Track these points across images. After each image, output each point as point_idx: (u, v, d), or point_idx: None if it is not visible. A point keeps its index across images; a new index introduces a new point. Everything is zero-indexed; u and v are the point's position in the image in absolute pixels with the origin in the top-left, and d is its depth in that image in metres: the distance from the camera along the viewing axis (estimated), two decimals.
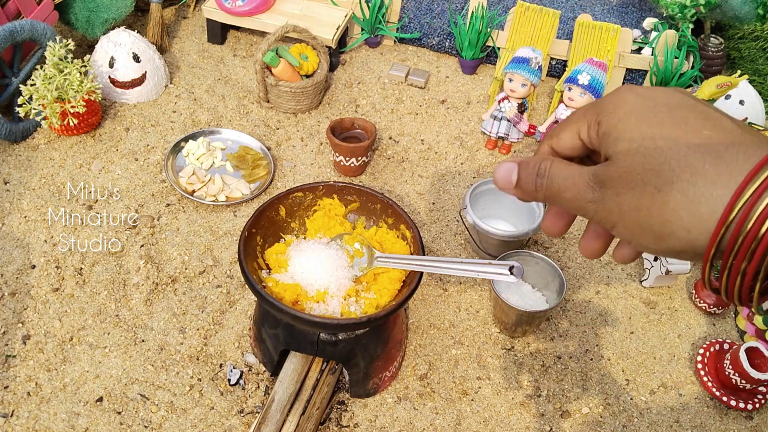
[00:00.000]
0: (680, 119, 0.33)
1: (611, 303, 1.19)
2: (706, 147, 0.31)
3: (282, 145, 1.44)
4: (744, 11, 1.57)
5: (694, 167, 0.31)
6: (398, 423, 1.00)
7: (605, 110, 0.36)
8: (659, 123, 0.33)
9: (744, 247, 0.29)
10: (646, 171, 0.32)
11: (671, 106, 0.34)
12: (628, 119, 0.34)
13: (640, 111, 0.34)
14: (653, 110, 0.34)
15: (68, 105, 1.28)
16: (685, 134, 0.32)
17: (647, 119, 0.33)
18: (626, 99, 0.35)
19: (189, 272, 1.17)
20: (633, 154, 0.33)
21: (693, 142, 0.31)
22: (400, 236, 0.99)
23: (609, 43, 1.57)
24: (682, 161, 0.31)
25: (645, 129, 0.33)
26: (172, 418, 0.98)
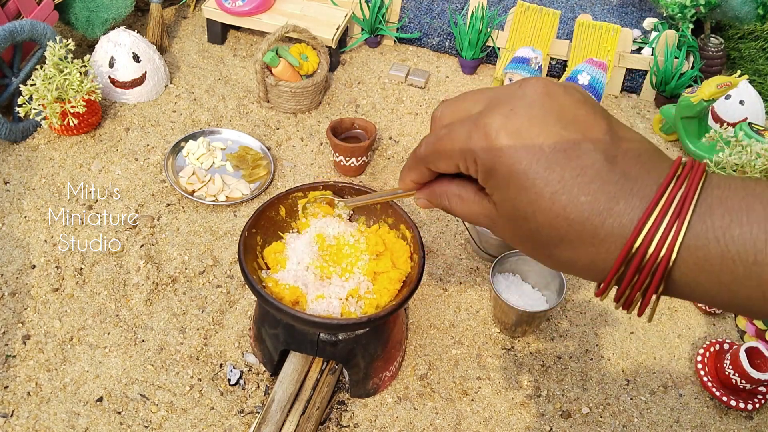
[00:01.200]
0: (564, 144, 0.31)
1: (611, 303, 1.19)
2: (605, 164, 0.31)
3: (282, 145, 1.44)
4: (744, 11, 1.57)
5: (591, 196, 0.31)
6: (398, 423, 1.00)
7: (477, 145, 0.33)
8: (542, 145, 0.32)
9: (647, 267, 0.30)
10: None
11: (567, 118, 0.32)
12: (505, 156, 0.32)
13: (516, 142, 0.32)
14: (537, 131, 0.32)
15: (68, 105, 1.28)
16: (570, 159, 0.31)
17: (528, 143, 0.32)
18: (499, 128, 0.32)
19: (189, 272, 1.17)
20: (514, 204, 0.33)
21: (583, 166, 0.31)
22: (400, 236, 0.99)
23: (609, 43, 1.57)
24: (576, 190, 0.31)
25: (524, 155, 0.32)
26: (172, 418, 0.98)
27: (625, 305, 0.33)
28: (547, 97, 0.33)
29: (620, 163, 0.31)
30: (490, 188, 0.34)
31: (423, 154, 0.37)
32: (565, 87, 0.34)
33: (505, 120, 0.32)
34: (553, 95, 0.33)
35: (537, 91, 0.33)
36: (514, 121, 0.32)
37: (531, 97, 0.33)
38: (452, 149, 0.35)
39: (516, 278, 1.15)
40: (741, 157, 1.14)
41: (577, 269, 0.33)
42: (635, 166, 0.31)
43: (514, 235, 0.35)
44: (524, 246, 0.35)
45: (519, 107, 0.33)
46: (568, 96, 0.33)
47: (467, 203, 0.37)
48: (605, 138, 0.32)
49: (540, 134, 0.32)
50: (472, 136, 0.33)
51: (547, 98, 0.33)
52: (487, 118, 0.33)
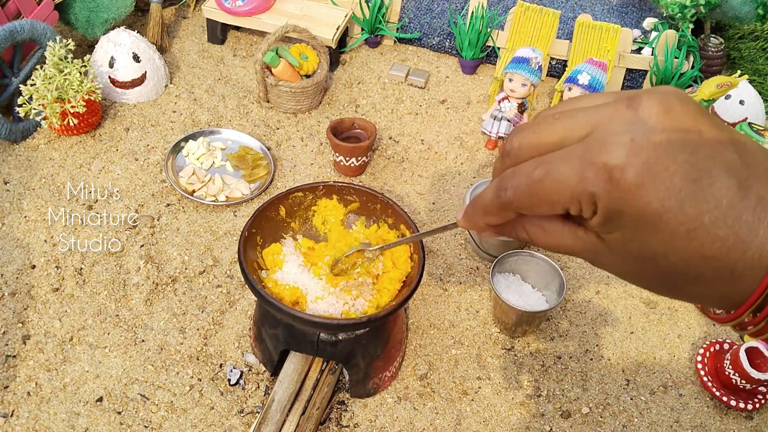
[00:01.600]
0: (700, 167, 0.28)
1: (611, 303, 1.19)
2: (734, 185, 0.28)
3: (282, 145, 1.44)
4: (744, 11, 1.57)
5: (727, 214, 0.28)
6: (398, 423, 1.00)
7: (597, 187, 0.28)
8: (672, 179, 0.28)
9: None
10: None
11: (693, 140, 0.28)
12: (636, 197, 0.28)
13: (647, 180, 0.28)
14: (666, 163, 0.28)
15: (68, 105, 1.28)
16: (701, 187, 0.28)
17: (659, 180, 0.28)
18: (624, 165, 0.28)
19: (189, 272, 1.17)
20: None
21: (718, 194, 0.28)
22: (400, 236, 0.99)
23: (609, 43, 1.57)
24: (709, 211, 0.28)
25: (656, 194, 0.28)
26: (172, 418, 0.98)
27: (758, 333, 0.31)
28: (668, 117, 0.28)
29: (754, 186, 0.28)
30: (607, 230, 0.30)
31: (511, 199, 0.32)
32: (679, 98, 0.29)
33: (628, 153, 0.28)
34: (671, 113, 0.28)
35: (655, 111, 0.28)
36: (639, 154, 0.28)
37: (651, 121, 0.28)
38: (559, 193, 0.30)
39: (516, 278, 1.15)
40: None
41: (708, 303, 0.31)
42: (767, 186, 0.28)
43: (633, 271, 0.31)
44: (646, 281, 0.31)
45: (640, 136, 0.28)
46: (686, 110, 0.29)
47: (553, 235, 0.33)
48: (733, 157, 0.28)
49: (670, 165, 0.27)
50: (588, 176, 0.28)
51: (668, 119, 0.28)
52: (605, 153, 0.28)
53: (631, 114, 0.29)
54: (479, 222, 0.35)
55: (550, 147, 0.31)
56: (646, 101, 0.29)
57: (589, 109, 0.30)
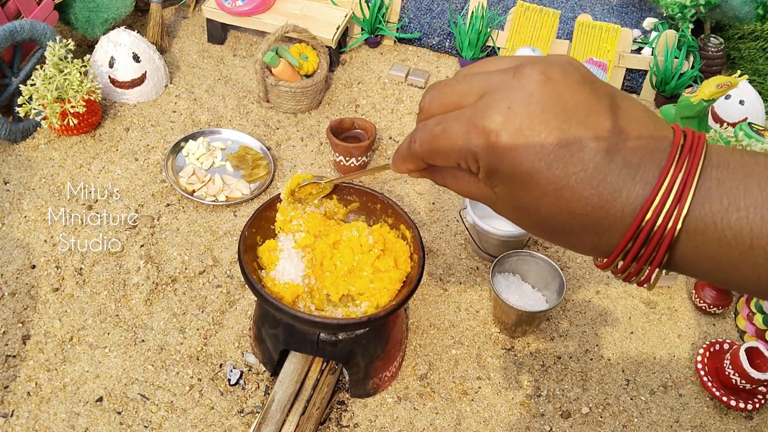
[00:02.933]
0: (575, 121, 0.31)
1: (611, 303, 1.19)
2: (608, 149, 0.31)
3: (282, 145, 1.44)
4: (744, 11, 1.57)
5: (602, 174, 0.31)
6: (398, 423, 1.00)
7: (477, 146, 0.32)
8: (543, 143, 0.31)
9: (654, 239, 0.31)
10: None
11: (567, 109, 0.31)
12: (507, 156, 0.31)
13: (518, 142, 0.31)
14: (538, 128, 0.31)
15: (68, 105, 1.28)
16: (574, 139, 0.31)
17: (529, 142, 0.31)
18: (499, 128, 0.31)
19: (189, 272, 1.17)
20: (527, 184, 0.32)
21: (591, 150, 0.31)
22: (400, 236, 0.99)
23: (609, 43, 1.57)
24: (584, 169, 0.31)
25: (526, 155, 0.31)
26: (172, 418, 0.98)
27: (627, 278, 0.34)
28: (546, 86, 0.31)
29: (622, 151, 0.31)
30: (492, 183, 0.33)
31: (418, 151, 0.36)
32: (562, 68, 0.32)
33: (504, 119, 0.31)
34: (551, 82, 0.31)
35: (534, 80, 0.31)
36: (513, 120, 0.31)
37: (529, 89, 0.31)
38: (450, 149, 0.33)
39: (516, 278, 1.15)
40: None
41: (580, 251, 0.34)
42: (637, 152, 0.31)
43: (517, 220, 0.35)
44: (527, 228, 0.35)
45: (517, 103, 0.31)
46: (566, 80, 0.32)
47: (463, 183, 0.36)
48: (606, 124, 0.31)
49: (541, 131, 0.31)
50: (471, 137, 0.32)
51: (546, 87, 0.31)
52: (485, 117, 0.32)
53: (515, 82, 0.32)
54: (401, 167, 0.39)
55: (452, 106, 0.34)
56: (528, 70, 0.32)
57: (486, 74, 0.34)
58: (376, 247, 0.95)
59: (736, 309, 1.20)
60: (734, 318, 1.19)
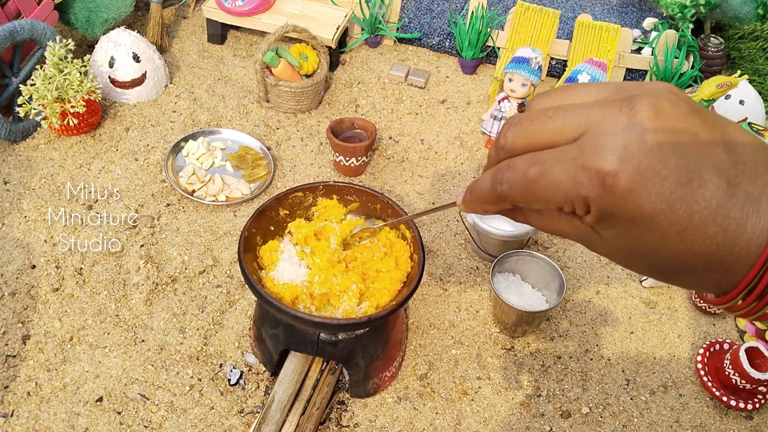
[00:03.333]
0: (689, 170, 0.29)
1: (611, 303, 1.19)
2: (726, 176, 0.29)
3: (282, 145, 1.44)
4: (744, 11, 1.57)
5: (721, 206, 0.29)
6: (398, 423, 1.00)
7: (590, 192, 0.29)
8: (663, 182, 0.29)
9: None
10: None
11: (682, 143, 0.29)
12: (628, 201, 0.29)
13: (638, 185, 0.29)
14: (657, 168, 0.29)
15: (68, 105, 1.28)
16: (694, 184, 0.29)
17: (650, 184, 0.29)
18: (617, 171, 0.29)
19: (189, 272, 1.17)
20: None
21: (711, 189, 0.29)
22: (400, 236, 0.99)
23: (609, 43, 1.57)
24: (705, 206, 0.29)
25: (647, 198, 0.29)
26: (172, 418, 0.98)
27: (747, 315, 0.32)
28: (659, 121, 0.29)
29: (742, 183, 0.29)
30: (602, 227, 0.31)
31: (507, 193, 0.33)
32: (669, 99, 0.30)
33: (620, 160, 0.28)
34: (662, 115, 0.29)
35: (646, 116, 0.29)
36: (631, 161, 0.28)
37: (642, 126, 0.29)
38: (553, 194, 0.30)
39: (516, 278, 1.15)
40: None
41: (698, 289, 0.33)
42: (757, 183, 0.29)
43: (627, 262, 0.33)
44: (641, 270, 0.33)
45: (632, 142, 0.29)
46: (676, 111, 0.29)
47: (558, 223, 0.33)
48: (723, 157, 0.29)
49: (661, 170, 0.28)
50: (581, 180, 0.29)
51: (659, 122, 0.29)
52: (598, 158, 0.29)
53: (623, 118, 0.29)
54: (477, 209, 0.36)
55: (543, 144, 0.31)
56: (638, 105, 0.29)
57: (582, 109, 0.31)
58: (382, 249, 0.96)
59: None
60: (734, 318, 1.19)
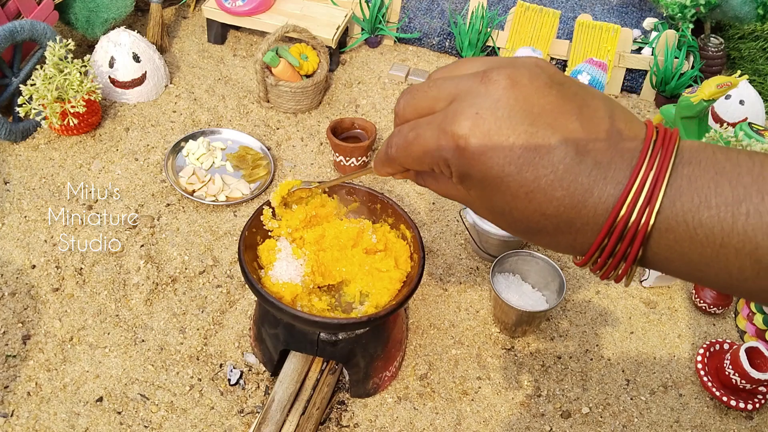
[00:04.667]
0: (544, 123, 0.31)
1: (611, 303, 1.19)
2: (579, 148, 0.31)
3: (282, 145, 1.44)
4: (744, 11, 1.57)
5: (573, 172, 0.31)
6: (398, 423, 1.00)
7: (448, 152, 0.32)
8: (512, 147, 0.31)
9: (628, 236, 0.31)
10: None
11: (534, 112, 0.31)
12: (477, 161, 0.32)
13: (486, 147, 0.31)
14: (506, 133, 0.31)
15: (68, 105, 1.28)
16: (551, 141, 0.31)
17: (498, 148, 0.31)
18: (468, 134, 0.31)
19: (189, 272, 1.17)
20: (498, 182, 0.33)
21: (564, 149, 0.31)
22: (400, 236, 0.99)
23: (609, 43, 1.57)
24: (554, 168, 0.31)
25: (496, 160, 0.31)
26: (172, 418, 0.98)
27: (604, 275, 0.34)
28: (513, 91, 0.32)
29: (592, 152, 0.31)
30: (466, 187, 0.34)
31: (394, 155, 0.37)
32: (529, 71, 0.32)
33: (472, 125, 0.31)
34: (518, 86, 0.32)
35: (501, 85, 0.32)
36: (481, 126, 0.31)
37: (496, 94, 0.32)
38: (422, 155, 0.34)
39: (516, 278, 1.15)
40: None
41: (556, 249, 0.35)
42: (607, 152, 0.31)
43: (493, 220, 0.35)
44: (504, 228, 0.35)
45: (484, 108, 0.32)
46: (533, 83, 0.32)
47: (442, 185, 0.37)
48: (574, 126, 0.31)
49: (509, 135, 0.31)
50: (441, 143, 0.33)
51: (513, 92, 0.32)
52: (454, 123, 0.32)
53: (482, 87, 0.32)
54: (382, 171, 0.39)
55: (425, 111, 0.35)
56: (495, 75, 0.32)
57: (456, 78, 0.34)
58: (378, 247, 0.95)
59: (736, 309, 1.20)
60: (734, 318, 1.19)
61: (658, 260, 0.32)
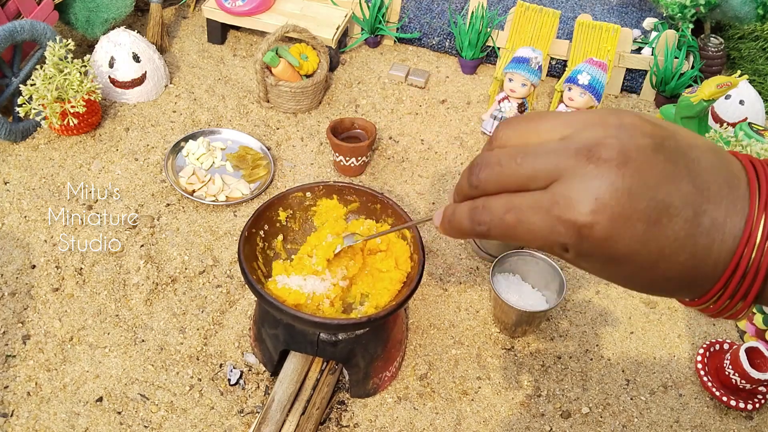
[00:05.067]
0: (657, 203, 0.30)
1: (611, 303, 1.19)
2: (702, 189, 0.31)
3: (282, 145, 1.44)
4: (744, 11, 1.57)
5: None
6: (398, 423, 1.00)
7: (567, 239, 0.31)
8: (635, 226, 0.30)
9: (749, 277, 0.32)
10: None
11: (650, 185, 0.30)
12: (603, 245, 0.31)
13: (611, 227, 0.30)
14: (628, 214, 0.30)
15: (68, 105, 1.28)
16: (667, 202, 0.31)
17: (623, 230, 0.30)
18: (591, 220, 0.30)
19: (189, 272, 1.17)
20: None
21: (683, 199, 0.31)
22: (400, 236, 0.99)
23: (609, 43, 1.57)
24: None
25: (621, 243, 0.31)
26: (172, 418, 0.98)
27: (717, 315, 0.35)
28: (626, 169, 0.30)
29: (707, 211, 0.31)
30: (583, 261, 0.33)
31: (487, 234, 0.34)
32: (632, 138, 0.31)
33: (593, 212, 0.30)
34: (629, 162, 0.30)
35: (613, 165, 0.30)
36: (604, 212, 0.30)
37: (610, 177, 0.30)
38: (531, 239, 0.32)
39: (516, 278, 1.15)
40: None
41: (671, 297, 0.35)
42: (721, 206, 0.31)
43: (609, 280, 0.35)
44: (622, 285, 0.35)
45: (602, 192, 0.30)
46: (643, 153, 0.30)
47: (534, 244, 0.35)
48: (688, 189, 0.31)
49: (632, 215, 0.30)
50: (559, 230, 0.31)
51: (626, 170, 0.30)
52: (572, 211, 0.30)
53: (592, 167, 0.30)
54: (455, 236, 0.37)
55: (515, 188, 0.33)
56: (604, 153, 0.30)
57: (551, 155, 0.32)
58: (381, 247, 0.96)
59: None
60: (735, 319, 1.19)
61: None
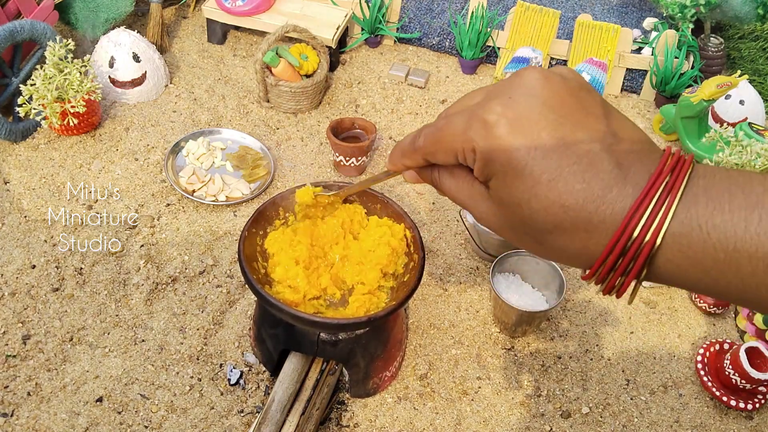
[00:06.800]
0: (565, 128, 0.32)
1: (611, 303, 1.19)
2: (588, 158, 0.32)
3: (282, 145, 1.44)
4: (744, 11, 1.57)
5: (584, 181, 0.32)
6: (398, 423, 1.00)
7: (476, 134, 0.34)
8: (540, 133, 0.32)
9: (631, 251, 0.31)
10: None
11: (564, 107, 0.33)
12: (504, 143, 0.33)
13: (515, 130, 0.32)
14: (536, 119, 0.32)
15: (68, 105, 1.28)
16: (566, 145, 0.32)
17: (527, 132, 0.32)
18: (498, 117, 0.33)
19: (189, 272, 1.17)
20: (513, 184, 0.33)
21: (576, 151, 0.32)
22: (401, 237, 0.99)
23: (609, 43, 1.57)
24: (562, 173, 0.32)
25: (522, 143, 0.32)
26: (172, 418, 0.98)
27: (606, 289, 0.34)
28: (545, 84, 0.33)
29: (615, 153, 0.32)
30: (487, 175, 0.34)
31: (421, 145, 0.38)
32: (562, 75, 0.34)
33: (503, 108, 0.33)
34: (550, 83, 0.33)
35: (534, 78, 0.33)
36: (512, 109, 0.33)
37: (529, 85, 0.33)
38: (452, 140, 0.35)
39: (516, 278, 1.15)
40: (741, 157, 1.14)
41: (567, 256, 0.34)
42: (629, 156, 0.32)
43: (505, 221, 0.35)
44: (514, 233, 0.35)
45: (517, 95, 0.33)
46: (565, 83, 0.33)
47: (458, 180, 0.37)
48: (601, 127, 0.33)
49: (538, 122, 0.32)
50: (472, 126, 0.34)
51: (545, 85, 0.33)
52: (486, 107, 0.33)
53: (516, 80, 0.34)
54: (398, 163, 0.41)
55: (461, 109, 0.36)
56: (530, 72, 0.34)
57: (495, 84, 0.36)
58: None
59: (736, 309, 1.20)
60: (734, 318, 1.19)
61: (669, 267, 0.32)
